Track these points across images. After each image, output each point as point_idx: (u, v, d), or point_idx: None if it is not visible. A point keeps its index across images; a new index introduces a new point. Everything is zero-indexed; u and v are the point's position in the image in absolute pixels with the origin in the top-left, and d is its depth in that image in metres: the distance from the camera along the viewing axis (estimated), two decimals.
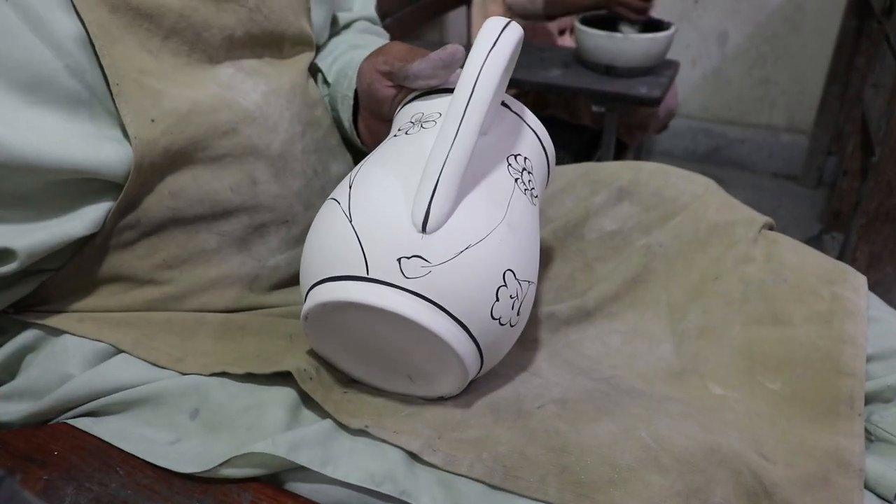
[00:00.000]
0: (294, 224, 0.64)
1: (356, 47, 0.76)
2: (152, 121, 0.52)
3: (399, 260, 0.44)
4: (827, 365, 0.57)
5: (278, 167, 0.62)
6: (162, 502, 0.48)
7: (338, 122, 0.73)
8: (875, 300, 0.65)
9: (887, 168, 1.40)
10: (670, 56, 1.52)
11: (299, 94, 0.66)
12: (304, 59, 0.69)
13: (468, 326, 0.45)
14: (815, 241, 1.85)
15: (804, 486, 0.48)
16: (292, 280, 0.66)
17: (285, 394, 0.52)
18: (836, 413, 0.54)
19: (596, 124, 1.71)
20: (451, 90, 0.55)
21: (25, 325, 0.57)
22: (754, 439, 0.52)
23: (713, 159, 2.55)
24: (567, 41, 1.82)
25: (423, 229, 0.44)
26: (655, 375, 0.60)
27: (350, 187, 0.49)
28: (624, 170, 0.75)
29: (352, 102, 0.68)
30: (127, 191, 0.52)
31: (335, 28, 0.81)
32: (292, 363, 0.52)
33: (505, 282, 0.46)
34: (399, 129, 0.55)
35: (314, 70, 0.75)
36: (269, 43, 0.64)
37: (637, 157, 2.03)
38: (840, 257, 0.60)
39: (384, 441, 0.48)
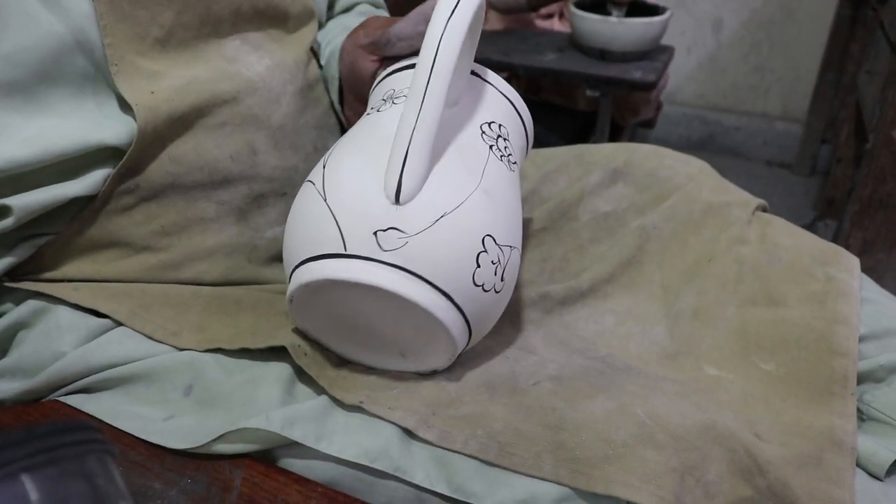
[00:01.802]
0: (292, 197, 0.64)
1: (347, 29, 0.75)
2: (152, 93, 0.53)
3: (375, 233, 0.44)
4: (821, 345, 0.57)
5: (278, 139, 0.62)
6: (154, 479, 0.48)
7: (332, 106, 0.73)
8: (868, 282, 0.65)
9: (881, 155, 1.40)
10: (666, 43, 1.52)
11: (302, 69, 0.67)
12: (308, 35, 0.69)
13: (451, 295, 0.45)
14: (808, 229, 1.85)
15: (798, 465, 0.48)
16: None
17: (280, 369, 0.52)
18: (830, 393, 0.54)
19: (590, 108, 1.70)
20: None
21: (20, 297, 0.56)
22: (749, 420, 0.52)
23: (707, 147, 2.55)
24: (556, 25, 1.81)
25: (397, 200, 0.44)
26: (650, 357, 0.60)
27: (324, 167, 0.49)
28: (618, 151, 0.75)
29: (338, 85, 0.68)
30: (128, 157, 0.53)
31: (332, 11, 0.81)
32: (287, 338, 0.51)
33: (485, 247, 0.46)
34: (371, 108, 0.55)
35: (315, 46, 0.75)
36: (273, 17, 0.64)
37: (632, 142, 2.03)
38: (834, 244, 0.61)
39: (379, 417, 0.48)
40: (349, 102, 0.68)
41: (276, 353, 0.52)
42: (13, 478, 0.23)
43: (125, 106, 0.53)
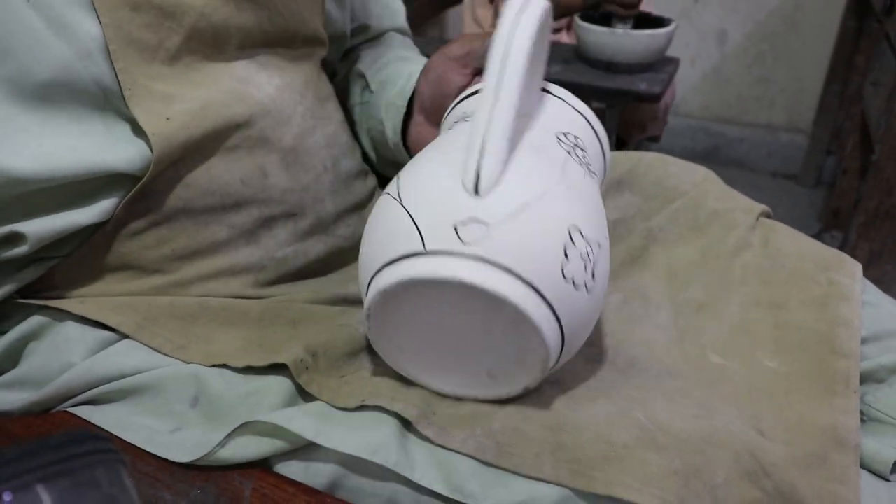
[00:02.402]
0: (302, 217, 0.64)
1: (403, 59, 0.77)
2: (167, 119, 0.53)
3: (455, 227, 0.42)
4: (823, 347, 0.57)
5: (289, 160, 0.62)
6: (164, 490, 0.48)
7: (374, 132, 0.74)
8: (869, 286, 0.65)
9: (887, 166, 1.40)
10: (670, 55, 1.52)
11: (311, 88, 0.66)
12: (317, 55, 0.69)
13: (538, 288, 0.42)
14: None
15: (804, 465, 0.48)
16: (298, 273, 0.65)
17: (284, 381, 0.52)
18: (833, 392, 0.54)
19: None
20: None
21: (29, 312, 0.57)
22: (753, 414, 0.52)
23: (712, 158, 2.55)
24: (564, 38, 1.82)
25: (476, 191, 0.42)
26: (655, 342, 0.59)
27: (398, 177, 0.47)
28: (623, 160, 0.75)
29: (403, 111, 0.68)
30: (141, 183, 0.53)
31: (366, 36, 0.83)
32: (289, 354, 0.51)
33: (572, 240, 0.43)
34: (443, 131, 0.55)
35: (356, 75, 0.77)
36: (281, 39, 0.64)
37: None
38: None
39: (380, 409, 0.47)
40: (417, 125, 0.68)
41: (281, 364, 0.52)
42: (29, 488, 0.23)
43: (136, 129, 0.53)
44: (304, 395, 0.52)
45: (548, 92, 0.54)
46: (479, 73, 0.61)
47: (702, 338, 0.60)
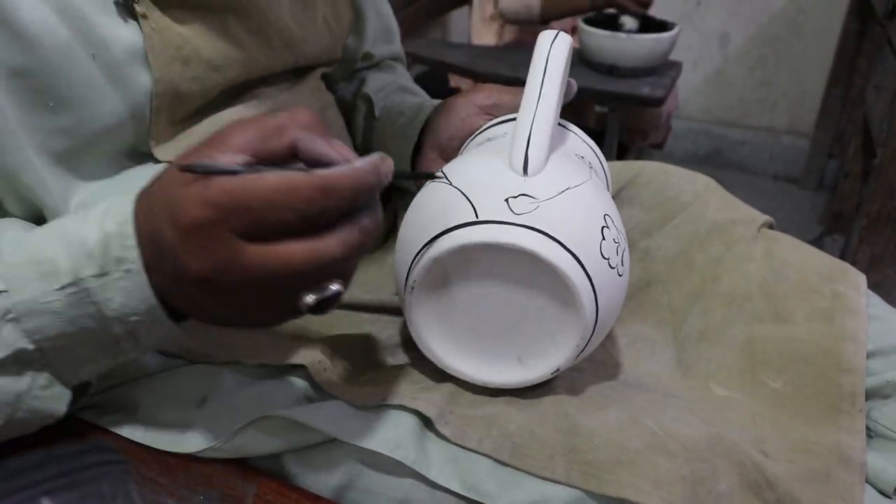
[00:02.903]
0: None
1: (407, 90, 0.81)
2: (189, 146, 0.53)
3: (506, 200, 0.45)
4: (828, 362, 0.57)
5: None
6: (167, 496, 0.48)
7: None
8: (874, 298, 0.65)
9: (889, 170, 1.40)
10: (672, 58, 1.52)
11: (316, 97, 0.68)
12: (322, 68, 0.72)
13: (581, 259, 0.45)
14: (815, 244, 1.85)
15: (806, 480, 0.49)
16: None
17: (297, 381, 0.52)
18: (838, 410, 0.54)
19: (599, 125, 1.71)
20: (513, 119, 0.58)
21: None
22: (756, 438, 0.52)
23: (714, 161, 2.55)
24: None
25: (525, 172, 0.47)
26: (661, 375, 0.61)
27: (443, 170, 0.51)
28: (624, 170, 0.75)
29: (414, 142, 0.71)
30: None
31: (369, 62, 0.85)
32: (307, 355, 0.51)
33: (606, 223, 0.47)
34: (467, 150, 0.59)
35: (362, 98, 0.80)
36: (301, 70, 0.68)
37: (639, 159, 2.04)
38: (841, 259, 0.60)
39: (399, 408, 0.48)
40: (429, 160, 0.70)
41: (295, 365, 0.52)
42: (34, 501, 0.23)
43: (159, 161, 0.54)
44: (318, 397, 0.52)
45: (561, 125, 0.59)
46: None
47: (704, 369, 0.60)
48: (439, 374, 0.52)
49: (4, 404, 0.42)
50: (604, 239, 0.47)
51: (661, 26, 1.48)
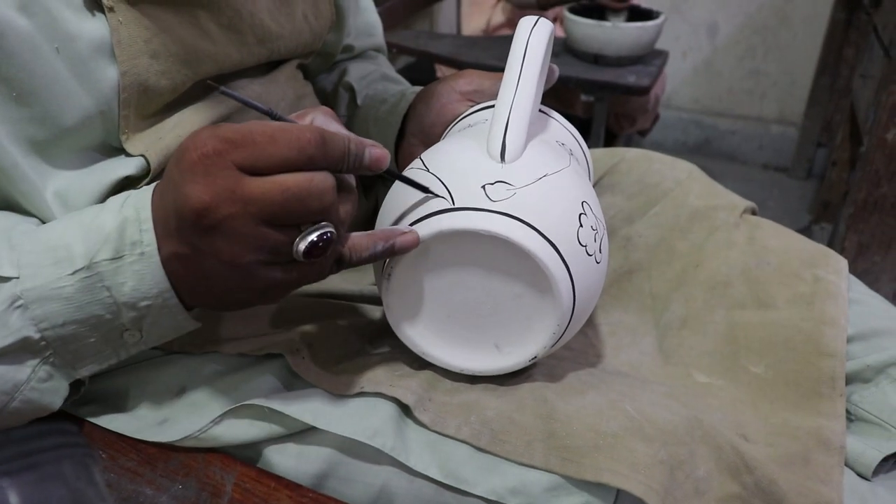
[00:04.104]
0: None
1: (389, 79, 0.81)
2: (160, 138, 0.53)
3: (483, 187, 0.45)
4: (809, 346, 0.57)
5: None
6: (145, 485, 0.48)
7: None
8: (856, 282, 0.66)
9: (875, 158, 1.41)
10: (662, 48, 1.52)
11: (291, 86, 0.68)
12: (297, 58, 0.71)
13: (557, 246, 0.45)
14: (804, 233, 1.86)
15: (785, 463, 0.49)
16: None
17: (277, 367, 0.52)
18: (818, 394, 0.55)
19: (586, 114, 1.71)
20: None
21: None
22: (736, 422, 0.52)
23: (703, 151, 2.55)
24: (557, 31, 1.82)
25: (502, 159, 0.46)
26: (640, 365, 0.61)
27: (421, 157, 0.50)
28: (606, 157, 0.75)
29: (397, 129, 0.71)
30: (145, 183, 0.53)
31: (350, 54, 0.85)
32: (286, 343, 0.51)
33: (584, 210, 0.47)
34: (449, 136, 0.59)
35: (344, 87, 0.81)
36: (277, 64, 0.67)
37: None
38: (829, 247, 0.61)
39: (378, 396, 0.48)
40: (411, 146, 0.70)
41: (273, 354, 0.52)
42: None
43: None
44: (297, 385, 0.52)
45: (542, 112, 0.59)
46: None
47: (686, 357, 0.61)
48: (418, 362, 0.52)
49: (2, 392, 0.42)
50: (581, 226, 0.46)
51: (648, 15, 1.47)
